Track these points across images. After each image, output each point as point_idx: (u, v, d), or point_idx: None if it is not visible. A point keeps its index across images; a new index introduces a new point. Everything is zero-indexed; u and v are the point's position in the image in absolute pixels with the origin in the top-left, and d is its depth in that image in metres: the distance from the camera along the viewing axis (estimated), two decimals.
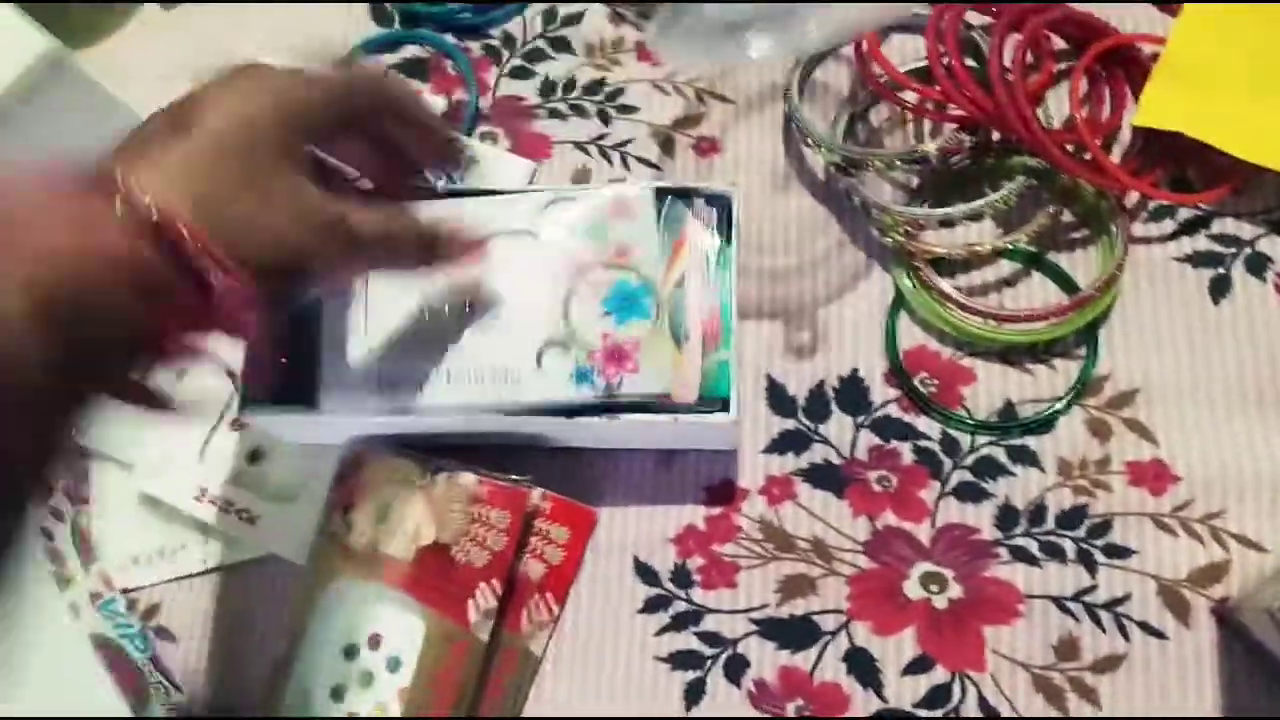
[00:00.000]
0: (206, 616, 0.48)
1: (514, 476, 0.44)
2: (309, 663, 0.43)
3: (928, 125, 0.50)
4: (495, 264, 0.41)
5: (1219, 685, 0.41)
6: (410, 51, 0.55)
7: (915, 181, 0.49)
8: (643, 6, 0.53)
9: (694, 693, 0.44)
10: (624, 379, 0.41)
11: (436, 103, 0.53)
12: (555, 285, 0.42)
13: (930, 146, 0.45)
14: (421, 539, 0.43)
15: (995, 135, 0.47)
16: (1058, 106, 0.47)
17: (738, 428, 0.43)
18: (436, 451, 0.45)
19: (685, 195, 0.43)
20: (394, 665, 0.43)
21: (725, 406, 0.41)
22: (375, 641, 0.43)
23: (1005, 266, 0.47)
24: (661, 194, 0.43)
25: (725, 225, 0.43)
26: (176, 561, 0.48)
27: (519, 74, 0.54)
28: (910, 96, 0.48)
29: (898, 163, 0.47)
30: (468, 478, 0.44)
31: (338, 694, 0.43)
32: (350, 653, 0.43)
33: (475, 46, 0.55)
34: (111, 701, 0.45)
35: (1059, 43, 0.49)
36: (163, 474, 0.48)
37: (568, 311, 0.41)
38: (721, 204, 0.43)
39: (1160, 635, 0.42)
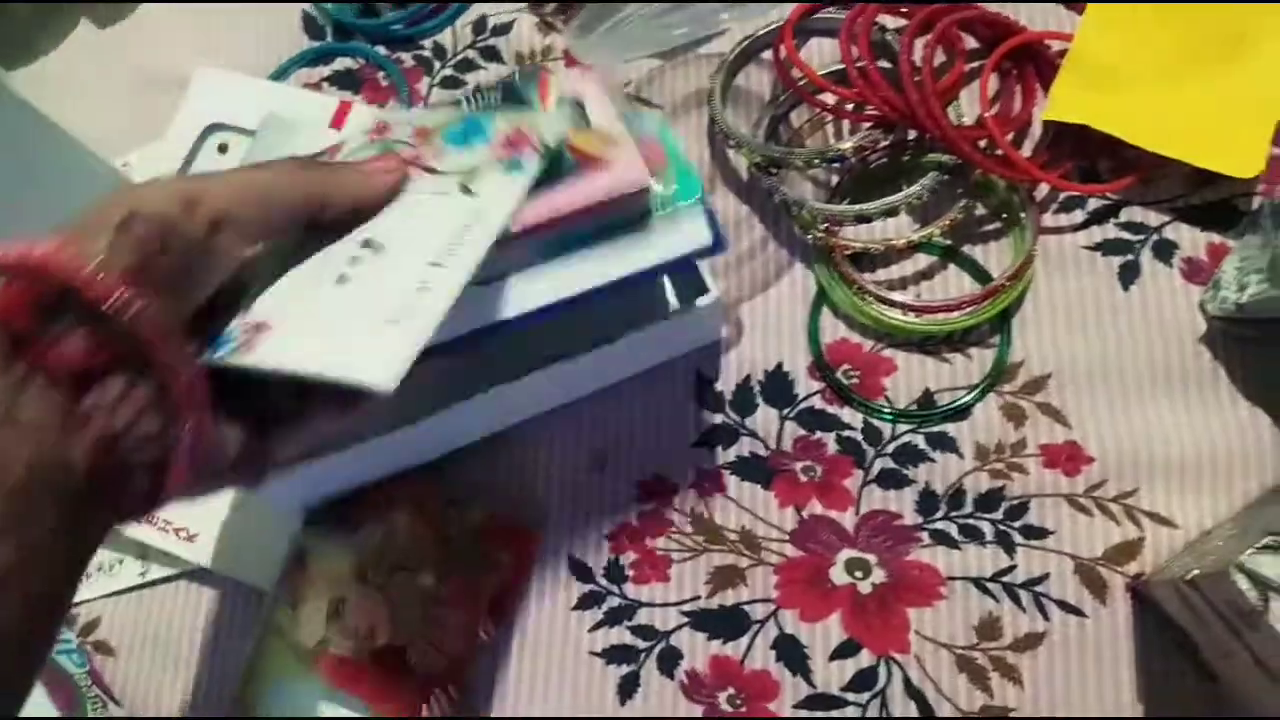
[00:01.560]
0: (146, 631, 0.48)
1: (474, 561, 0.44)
2: None
3: (846, 125, 0.51)
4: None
5: (1135, 660, 0.42)
6: (342, 63, 0.56)
7: (835, 180, 0.50)
8: (565, 12, 0.54)
9: (628, 686, 0.44)
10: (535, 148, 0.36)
11: (368, 113, 0.54)
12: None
13: (846, 145, 0.47)
14: (376, 639, 0.43)
15: (911, 133, 0.48)
16: (970, 104, 0.49)
17: (721, 307, 0.44)
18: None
19: None
20: None
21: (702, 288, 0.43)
22: None
23: (922, 260, 0.48)
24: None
25: None
26: (115, 576, 0.48)
27: (449, 83, 0.55)
28: (828, 98, 0.49)
29: (816, 161, 0.48)
30: (426, 578, 0.43)
31: None
32: None
33: (406, 57, 0.55)
34: (46, 716, 0.45)
35: (971, 42, 0.50)
36: None
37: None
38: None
39: (1079, 613, 0.43)
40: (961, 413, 0.45)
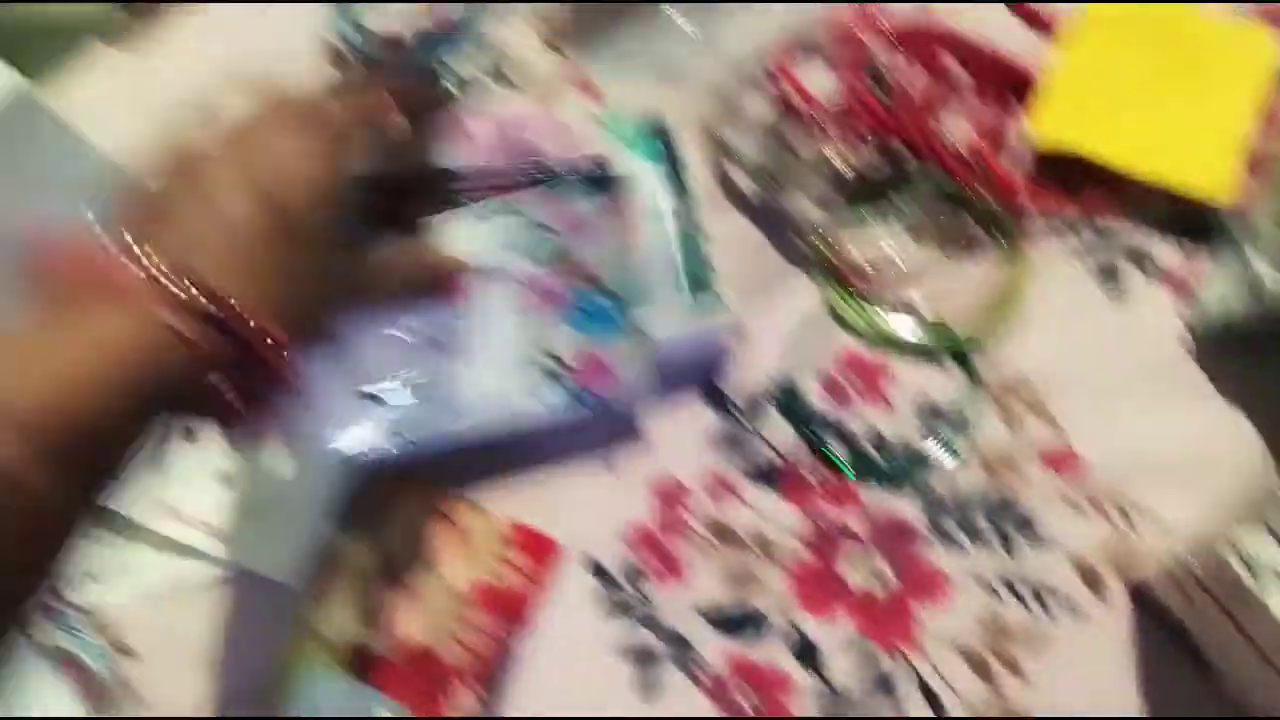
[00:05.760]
0: (170, 632, 0.48)
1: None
2: None
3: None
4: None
5: (1134, 654, 0.44)
6: None
7: (835, 196, 0.52)
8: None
9: (647, 686, 0.45)
10: None
11: None
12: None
13: (839, 161, 0.50)
14: (410, 639, 0.44)
15: (907, 153, 0.51)
16: (957, 124, 0.52)
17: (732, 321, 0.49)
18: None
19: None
20: None
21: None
22: None
23: (921, 271, 0.51)
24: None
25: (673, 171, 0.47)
26: (141, 578, 0.49)
27: None
28: (830, 122, 0.52)
29: (812, 176, 0.51)
30: (458, 581, 0.45)
31: None
32: None
33: None
34: (71, 712, 0.46)
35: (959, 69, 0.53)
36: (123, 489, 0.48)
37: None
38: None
39: (1079, 611, 0.45)
40: (962, 421, 0.48)
